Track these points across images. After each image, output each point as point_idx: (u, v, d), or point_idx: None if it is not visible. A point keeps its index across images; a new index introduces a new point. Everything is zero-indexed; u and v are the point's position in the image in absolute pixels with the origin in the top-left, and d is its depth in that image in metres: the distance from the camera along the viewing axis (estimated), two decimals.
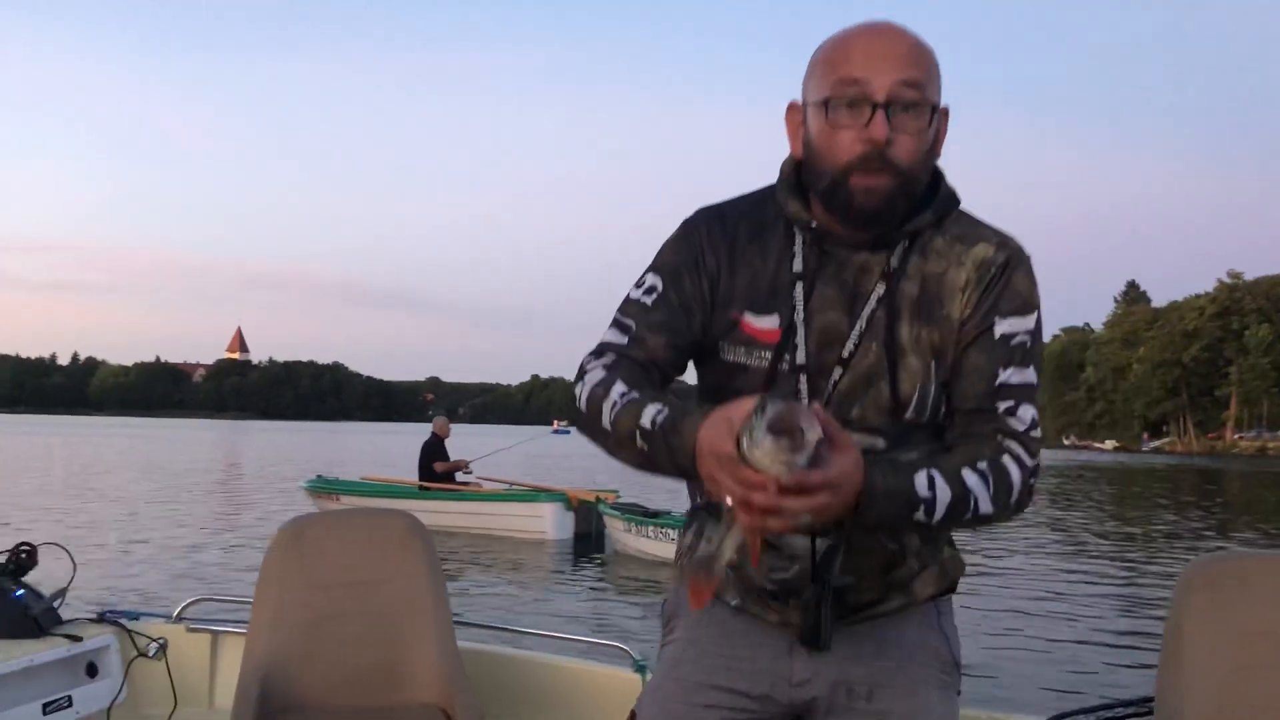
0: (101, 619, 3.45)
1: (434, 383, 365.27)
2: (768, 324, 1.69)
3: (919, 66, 1.58)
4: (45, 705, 3.11)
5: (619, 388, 1.60)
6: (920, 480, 1.53)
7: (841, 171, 1.59)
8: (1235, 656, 2.62)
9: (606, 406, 1.59)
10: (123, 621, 3.45)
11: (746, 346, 1.71)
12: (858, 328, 1.66)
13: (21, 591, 3.28)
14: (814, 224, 1.66)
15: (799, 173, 1.69)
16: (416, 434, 15.45)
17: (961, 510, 1.56)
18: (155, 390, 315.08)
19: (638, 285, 1.76)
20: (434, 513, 13.23)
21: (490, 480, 16.58)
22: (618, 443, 1.58)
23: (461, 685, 2.90)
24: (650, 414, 1.53)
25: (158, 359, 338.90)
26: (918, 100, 1.57)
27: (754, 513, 1.36)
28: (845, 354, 1.66)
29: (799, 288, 1.68)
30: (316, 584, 3.00)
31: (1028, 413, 1.64)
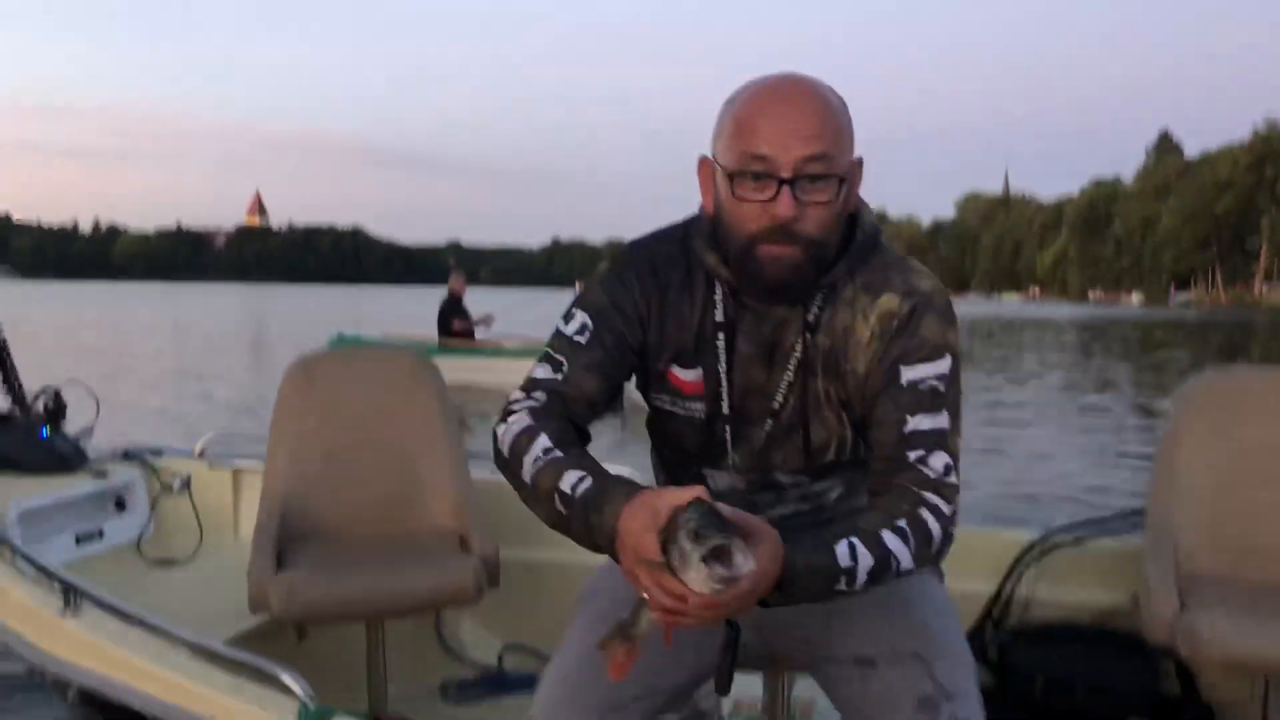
0: (126, 456, 3.57)
1: (454, 247, 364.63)
2: (692, 376, 1.76)
3: (826, 138, 1.57)
4: (78, 537, 3.24)
5: (543, 441, 1.60)
6: (841, 551, 1.54)
7: (749, 240, 1.61)
8: (1229, 469, 2.67)
9: (528, 460, 1.60)
10: (147, 458, 3.56)
11: (673, 396, 1.79)
12: (785, 380, 1.72)
13: (48, 430, 3.38)
14: (730, 280, 1.69)
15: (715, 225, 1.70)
16: (437, 297, 15.50)
17: (883, 572, 1.57)
18: (178, 256, 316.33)
19: (567, 319, 1.77)
20: (454, 369, 13.36)
21: (510, 337, 16.71)
22: (535, 498, 1.59)
23: (476, 513, 3.00)
24: (572, 480, 1.54)
25: (178, 225, 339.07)
26: (825, 173, 1.57)
27: (671, 615, 1.40)
28: (775, 406, 1.73)
29: (720, 339, 1.73)
30: (329, 418, 3.08)
31: (939, 460, 1.63)
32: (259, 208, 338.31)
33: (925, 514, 1.60)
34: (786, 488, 1.81)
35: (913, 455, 1.62)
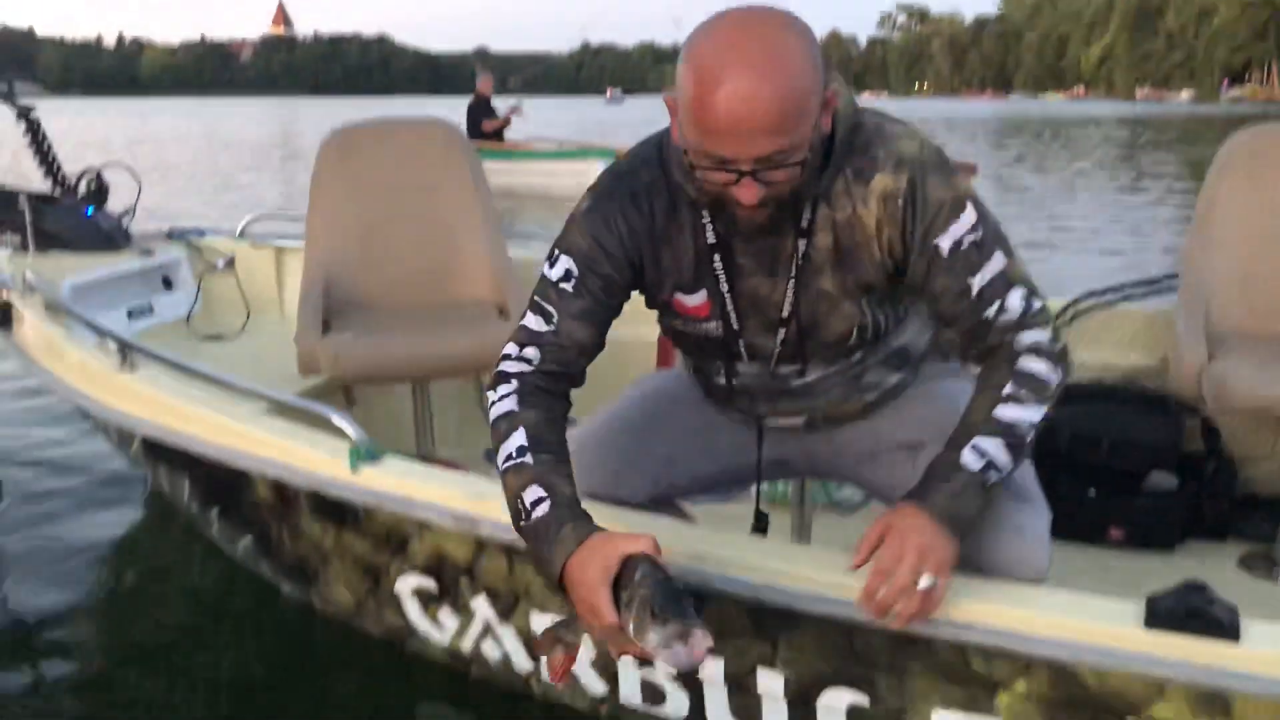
0: (170, 236, 3.63)
1: (482, 52, 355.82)
2: (697, 300, 1.75)
3: (788, 128, 1.46)
4: (130, 312, 3.34)
5: (518, 438, 1.62)
6: (968, 459, 1.60)
7: (718, 196, 1.55)
8: (1264, 223, 2.66)
9: (502, 452, 1.63)
10: (190, 238, 3.63)
11: (683, 320, 1.79)
12: (789, 288, 1.69)
13: (92, 209, 3.44)
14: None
15: None
16: (466, 107, 15.23)
17: (1017, 444, 1.61)
18: (204, 71, 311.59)
19: (551, 263, 1.72)
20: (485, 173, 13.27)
21: (541, 139, 16.51)
22: (503, 487, 1.63)
23: (513, 282, 3.05)
24: (532, 496, 1.57)
25: (203, 38, 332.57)
26: (787, 159, 1.48)
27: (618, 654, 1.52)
28: (785, 315, 1.72)
29: (717, 260, 1.70)
30: (365, 189, 3.11)
31: (1015, 299, 1.62)
32: (283, 17, 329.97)
33: (1027, 361, 1.61)
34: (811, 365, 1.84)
35: (989, 311, 1.62)
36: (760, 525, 2.03)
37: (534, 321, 1.71)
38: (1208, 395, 2.43)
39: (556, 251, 1.73)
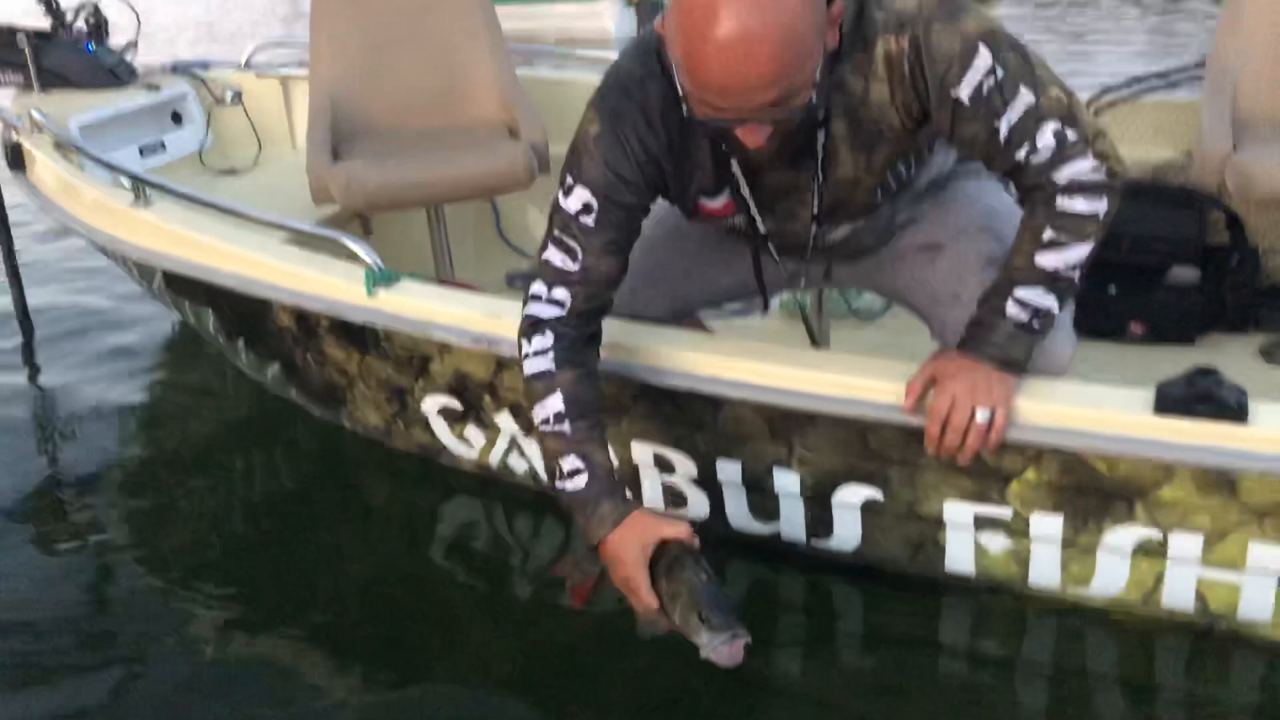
0: (175, 70, 3.57)
1: None
2: (720, 202, 1.73)
3: (788, 75, 1.36)
4: (141, 149, 3.32)
5: (555, 403, 1.68)
6: (1013, 312, 1.61)
7: (722, 131, 1.51)
8: None
9: (538, 412, 1.70)
10: (195, 71, 3.57)
11: (709, 218, 1.78)
12: (814, 182, 1.66)
13: (92, 45, 3.38)
14: None
15: None
16: None
17: (1066, 284, 1.60)
18: None
19: (566, 192, 1.66)
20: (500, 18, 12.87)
21: None
22: (540, 445, 1.72)
23: (522, 102, 2.99)
24: (570, 465, 1.66)
25: None
26: (791, 102, 1.40)
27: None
28: (813, 211, 1.71)
29: (735, 165, 1.65)
30: (367, 11, 3.03)
31: (1046, 135, 1.53)
32: None
33: (1065, 200, 1.57)
34: None
35: (1020, 154, 1.55)
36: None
37: (558, 258, 1.69)
38: (1231, 185, 2.38)
39: (570, 180, 1.67)
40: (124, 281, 3.62)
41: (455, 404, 2.23)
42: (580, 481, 1.66)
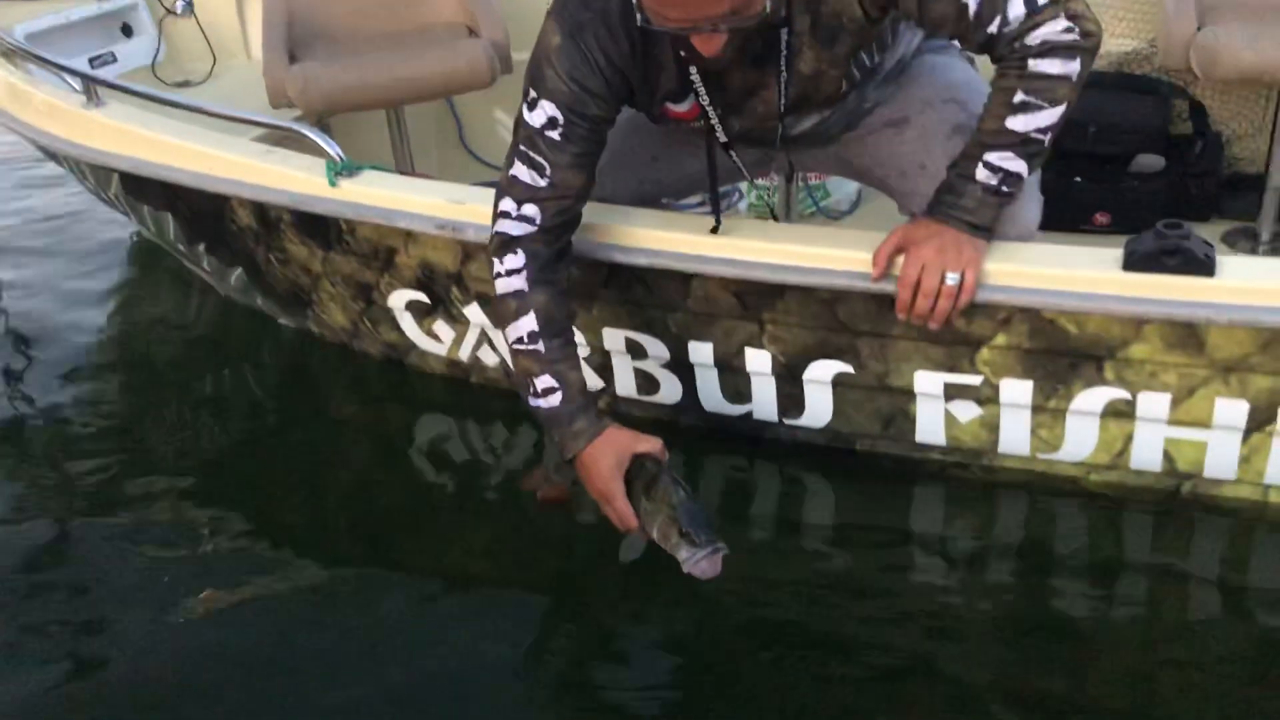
0: None
1: None
2: (685, 106, 1.72)
3: None
4: (91, 60, 3.23)
5: (528, 322, 1.69)
6: (983, 175, 1.60)
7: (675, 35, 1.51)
8: None
9: (512, 332, 1.71)
10: None
11: (676, 123, 1.78)
12: (779, 82, 1.66)
13: None
14: None
15: None
16: None
17: (1036, 148, 1.58)
18: None
19: (530, 105, 1.65)
20: None
21: None
22: (512, 363, 1.75)
23: (481, 3, 2.94)
24: (544, 384, 1.69)
25: None
26: (745, 14, 1.44)
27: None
28: (780, 109, 1.71)
29: (694, 72, 1.65)
30: None
31: (1015, 6, 1.51)
32: None
33: (1038, 63, 1.54)
34: None
35: (992, 28, 1.53)
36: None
37: (526, 174, 1.69)
38: (1196, 66, 2.38)
39: (534, 94, 1.66)
40: (79, 195, 3.55)
41: (422, 298, 2.21)
42: (555, 399, 1.69)
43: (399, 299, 2.24)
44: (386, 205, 2.05)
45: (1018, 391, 1.78)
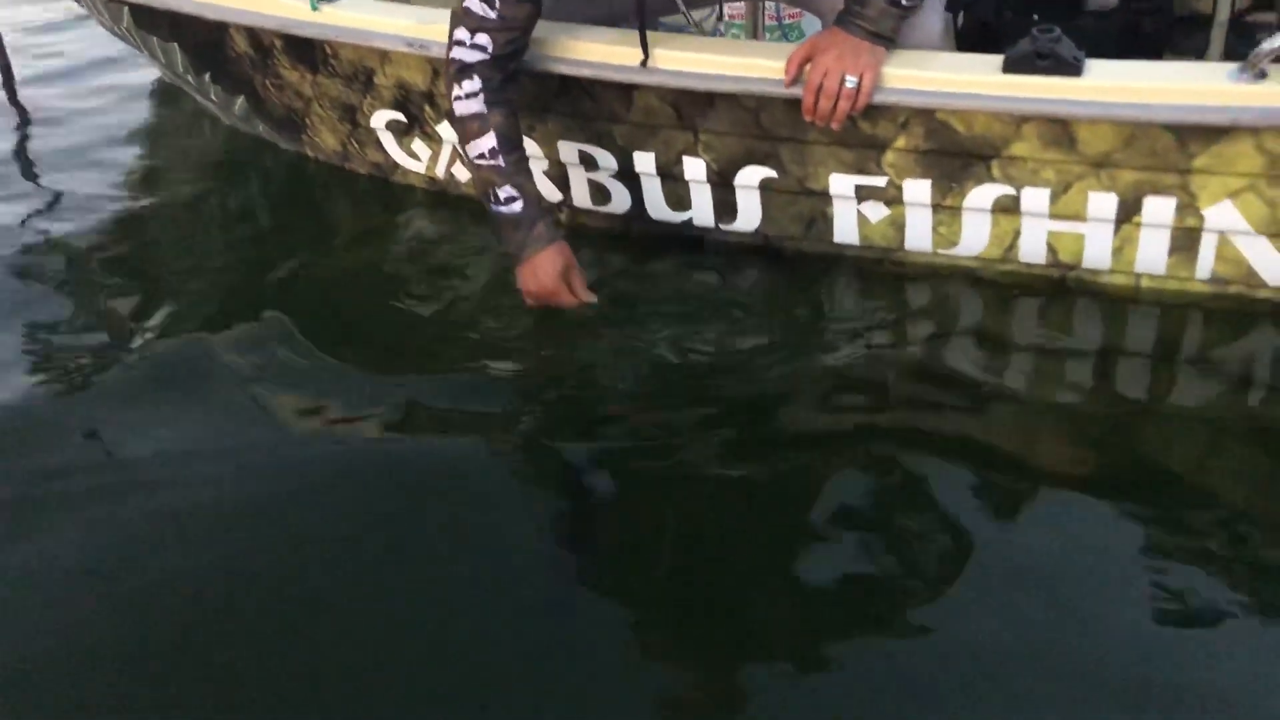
0: None
1: None
2: None
3: None
4: None
5: (489, 140, 1.91)
6: None
7: None
8: None
9: (473, 149, 1.93)
10: None
11: None
12: None
13: None
14: None
15: None
16: None
17: None
18: None
19: None
20: None
21: None
22: (474, 178, 1.97)
23: None
24: (506, 193, 1.92)
25: None
26: None
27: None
28: None
29: None
30: None
31: None
32: None
33: None
34: None
35: None
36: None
37: (477, 6, 1.89)
38: None
39: None
40: (101, 43, 3.77)
41: (400, 117, 2.42)
42: (517, 206, 1.93)
43: (380, 119, 2.46)
44: (362, 27, 2.26)
45: (918, 190, 1.97)
